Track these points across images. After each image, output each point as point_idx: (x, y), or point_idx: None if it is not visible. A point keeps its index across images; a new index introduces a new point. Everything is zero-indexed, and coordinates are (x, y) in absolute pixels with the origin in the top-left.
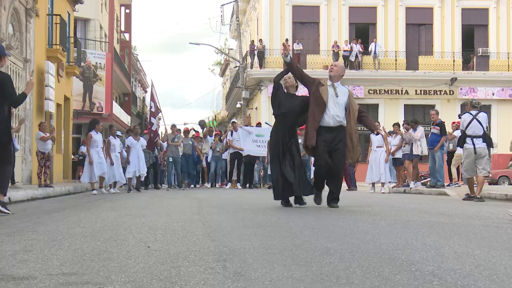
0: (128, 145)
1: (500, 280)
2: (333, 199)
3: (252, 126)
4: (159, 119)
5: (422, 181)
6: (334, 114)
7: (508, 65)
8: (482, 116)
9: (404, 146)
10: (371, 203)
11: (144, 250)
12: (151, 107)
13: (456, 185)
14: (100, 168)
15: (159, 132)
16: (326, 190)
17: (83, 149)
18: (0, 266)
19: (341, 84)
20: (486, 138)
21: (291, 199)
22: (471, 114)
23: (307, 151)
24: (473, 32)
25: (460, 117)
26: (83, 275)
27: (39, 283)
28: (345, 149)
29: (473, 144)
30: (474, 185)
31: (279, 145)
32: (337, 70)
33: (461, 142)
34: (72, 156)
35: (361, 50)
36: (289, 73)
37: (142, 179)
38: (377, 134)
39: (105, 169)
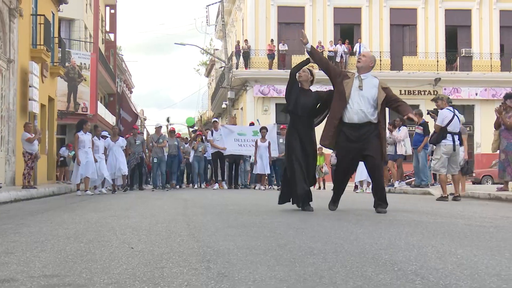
0: (105, 147)
1: (481, 279)
2: (378, 203)
3: (236, 125)
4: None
5: (406, 181)
6: (358, 108)
7: (491, 66)
8: (458, 113)
9: (387, 147)
10: (356, 203)
11: (128, 251)
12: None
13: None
14: (86, 169)
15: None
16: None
17: (63, 151)
18: None
19: (372, 76)
20: (460, 136)
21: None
22: (451, 110)
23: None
24: (457, 33)
25: (431, 113)
26: (66, 277)
27: (20, 285)
28: (378, 150)
29: (453, 141)
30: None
31: (293, 144)
32: (365, 60)
33: (439, 138)
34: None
35: (346, 50)
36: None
37: (120, 181)
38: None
39: (94, 170)
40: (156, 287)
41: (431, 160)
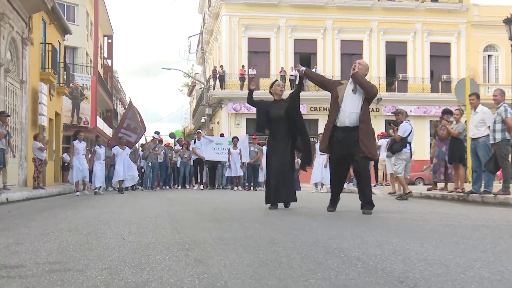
0: (114, 153)
1: (411, 263)
2: (365, 205)
3: (214, 136)
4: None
5: (353, 183)
6: (350, 111)
7: (423, 88)
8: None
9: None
10: (312, 201)
11: (120, 242)
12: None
13: (381, 185)
14: (79, 173)
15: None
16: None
17: (65, 156)
18: None
19: None
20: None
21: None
22: (409, 123)
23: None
24: (395, 61)
25: (393, 124)
26: (66, 263)
27: (27, 271)
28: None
29: (410, 150)
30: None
31: (271, 156)
32: (361, 68)
33: (401, 147)
34: None
35: None
36: (276, 81)
37: (132, 182)
38: None
39: (85, 174)
40: (143, 272)
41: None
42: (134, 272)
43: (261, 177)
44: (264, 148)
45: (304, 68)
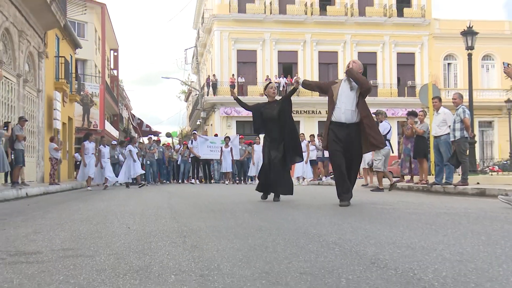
0: (130, 150)
1: (382, 246)
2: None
3: (209, 136)
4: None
5: (331, 176)
6: (345, 108)
7: (391, 92)
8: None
9: (318, 151)
10: (295, 193)
11: (125, 230)
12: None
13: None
14: (89, 171)
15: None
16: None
17: (76, 155)
18: (16, 244)
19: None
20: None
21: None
22: (388, 123)
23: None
24: (366, 69)
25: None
26: (78, 250)
27: (44, 256)
28: (359, 151)
29: (391, 146)
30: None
31: (265, 153)
32: (355, 66)
33: None
34: None
35: (287, 82)
36: (270, 84)
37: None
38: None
39: (94, 171)
40: (145, 257)
41: None
42: (138, 257)
43: (253, 171)
44: (256, 146)
45: (301, 80)
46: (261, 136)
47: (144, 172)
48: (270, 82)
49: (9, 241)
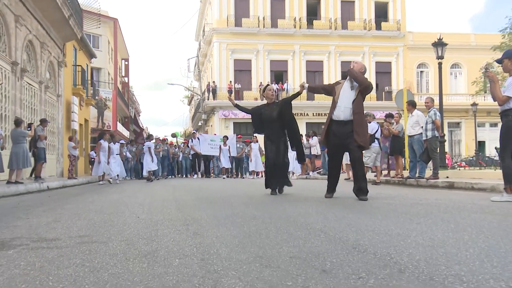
0: (149, 147)
1: (362, 233)
2: (359, 191)
3: (209, 134)
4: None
5: (317, 171)
6: (345, 106)
7: (370, 97)
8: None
9: (305, 149)
10: (285, 186)
11: (135, 220)
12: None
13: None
14: (105, 166)
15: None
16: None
17: (91, 153)
18: (38, 232)
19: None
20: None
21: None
22: (376, 124)
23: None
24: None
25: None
26: (93, 236)
27: (62, 242)
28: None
29: (379, 144)
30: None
31: (268, 152)
32: (357, 66)
33: (370, 142)
34: None
35: (279, 88)
36: (268, 86)
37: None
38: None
39: (107, 167)
40: (153, 243)
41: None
42: (146, 243)
43: (251, 167)
44: (253, 144)
45: (307, 85)
46: (260, 136)
47: (157, 168)
48: (268, 84)
49: (32, 228)
